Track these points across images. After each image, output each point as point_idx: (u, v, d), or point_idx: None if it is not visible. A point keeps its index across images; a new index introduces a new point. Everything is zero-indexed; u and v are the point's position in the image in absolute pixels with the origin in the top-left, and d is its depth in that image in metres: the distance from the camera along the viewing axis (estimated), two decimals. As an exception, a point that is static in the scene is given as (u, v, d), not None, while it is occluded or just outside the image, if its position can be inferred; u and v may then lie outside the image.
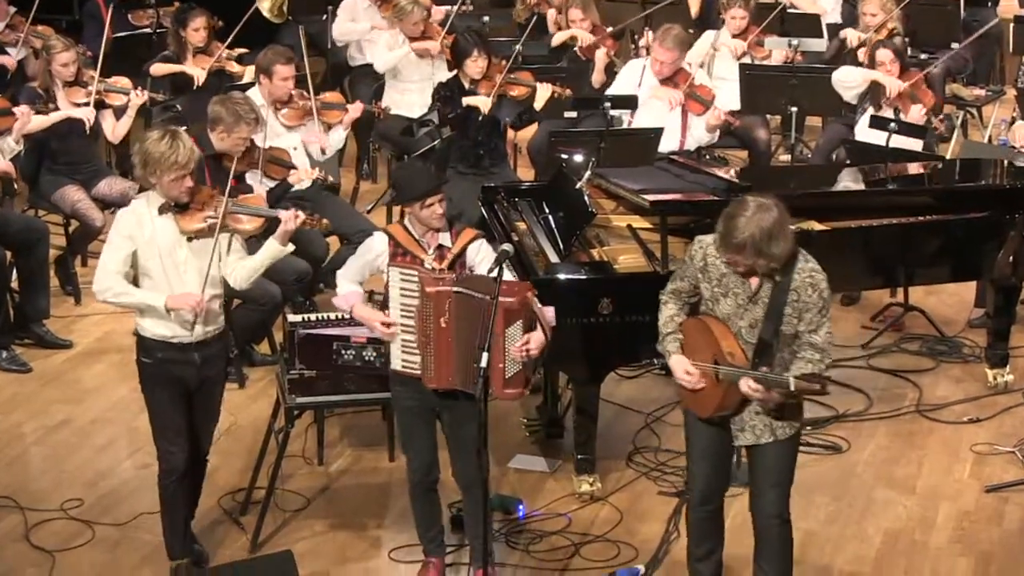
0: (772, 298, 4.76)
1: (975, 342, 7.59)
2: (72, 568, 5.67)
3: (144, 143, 5.21)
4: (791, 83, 8.73)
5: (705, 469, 5.08)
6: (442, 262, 5.26)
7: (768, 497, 5.00)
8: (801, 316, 4.76)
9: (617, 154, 7.40)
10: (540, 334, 5.11)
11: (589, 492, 6.17)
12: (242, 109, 6.71)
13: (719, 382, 4.85)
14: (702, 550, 5.23)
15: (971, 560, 5.75)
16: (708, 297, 4.90)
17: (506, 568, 5.65)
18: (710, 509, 5.16)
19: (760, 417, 4.91)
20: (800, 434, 5.05)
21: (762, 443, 4.94)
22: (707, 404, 4.93)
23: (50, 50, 7.95)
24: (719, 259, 4.84)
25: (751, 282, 4.81)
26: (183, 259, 5.28)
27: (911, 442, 6.70)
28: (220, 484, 6.18)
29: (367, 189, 9.84)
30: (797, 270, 4.76)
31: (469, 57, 7.98)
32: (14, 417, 6.94)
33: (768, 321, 4.75)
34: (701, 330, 4.91)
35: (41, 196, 8.13)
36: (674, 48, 8.20)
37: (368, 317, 5.30)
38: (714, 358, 4.84)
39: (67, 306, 8.07)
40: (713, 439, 5.03)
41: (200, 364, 5.34)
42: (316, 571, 5.63)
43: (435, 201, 5.22)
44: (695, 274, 4.94)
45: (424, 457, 5.39)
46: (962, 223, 6.81)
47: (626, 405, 6.94)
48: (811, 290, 4.76)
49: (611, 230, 6.49)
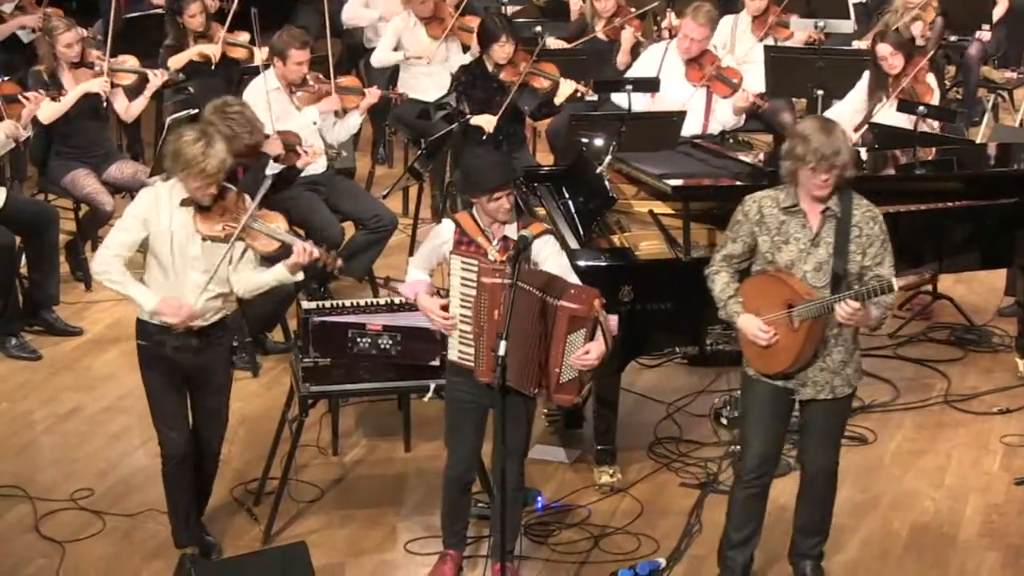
0: (837, 234, 4.91)
1: (1005, 331, 7.54)
2: (82, 559, 5.64)
3: (179, 140, 5.13)
4: (817, 65, 8.62)
5: (761, 435, 5.14)
6: (505, 254, 5.17)
7: (823, 449, 5.19)
8: (865, 251, 4.92)
9: (638, 138, 7.34)
10: (601, 344, 5.07)
11: (609, 484, 6.12)
12: (236, 124, 6.40)
13: (795, 330, 4.91)
14: (742, 535, 5.24)
15: (1000, 554, 5.70)
16: (767, 250, 4.98)
17: (525, 561, 5.59)
18: (761, 483, 5.20)
19: (823, 374, 5.04)
20: (853, 396, 5.23)
21: (819, 399, 5.06)
22: (783, 357, 4.99)
23: (52, 31, 7.88)
24: (776, 208, 4.98)
25: (811, 224, 4.92)
26: (195, 255, 5.24)
27: (939, 433, 6.66)
28: (233, 474, 6.14)
29: (382, 173, 9.81)
30: (855, 205, 4.94)
31: (497, 42, 7.94)
32: (24, 405, 6.91)
33: (837, 257, 4.90)
34: (764, 284, 5.01)
35: (51, 180, 8.08)
36: (706, 24, 8.18)
37: (428, 306, 5.24)
38: (787, 303, 4.91)
39: (77, 292, 8.03)
40: (774, 402, 5.11)
41: (198, 350, 5.30)
42: (330, 563, 5.58)
43: (503, 195, 5.14)
44: (750, 230, 5.02)
45: (464, 454, 5.32)
46: (992, 209, 6.72)
47: (647, 395, 6.90)
48: (872, 223, 4.95)
49: (632, 216, 6.44)
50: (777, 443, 5.21)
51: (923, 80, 7.95)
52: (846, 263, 4.91)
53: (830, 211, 4.92)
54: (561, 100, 8.12)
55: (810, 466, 5.24)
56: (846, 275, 4.91)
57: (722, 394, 6.71)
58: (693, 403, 6.78)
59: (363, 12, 10.05)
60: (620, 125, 7.42)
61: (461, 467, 5.34)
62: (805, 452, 5.26)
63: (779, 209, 4.97)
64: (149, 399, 5.40)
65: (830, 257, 4.92)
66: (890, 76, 7.93)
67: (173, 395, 5.34)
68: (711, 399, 6.75)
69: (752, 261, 5.09)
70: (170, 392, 5.34)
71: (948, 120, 7.74)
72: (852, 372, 5.10)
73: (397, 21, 9.31)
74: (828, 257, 4.92)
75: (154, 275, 5.28)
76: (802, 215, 4.95)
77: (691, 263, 5.95)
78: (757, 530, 5.27)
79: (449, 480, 5.37)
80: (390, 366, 5.72)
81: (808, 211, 4.95)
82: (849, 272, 4.92)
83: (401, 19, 9.29)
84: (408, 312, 5.73)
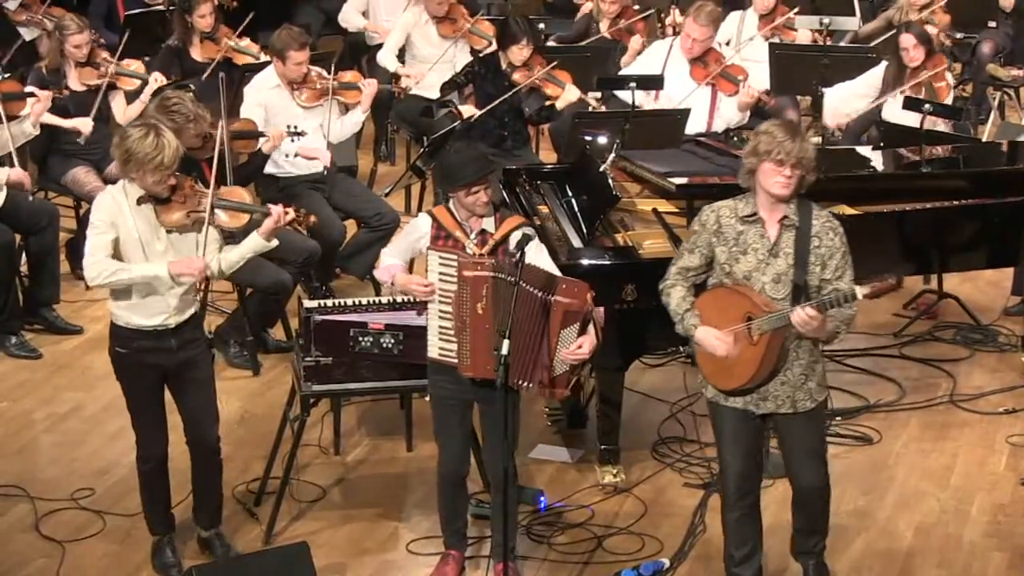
0: (796, 245, 4.80)
1: (1011, 330, 7.52)
2: (82, 559, 5.62)
3: (126, 140, 5.08)
4: (822, 63, 8.58)
5: (738, 455, 5.03)
6: (483, 247, 5.14)
7: (803, 469, 5.04)
8: (825, 264, 4.81)
9: (642, 136, 7.31)
10: (592, 338, 5.07)
11: (612, 483, 6.09)
12: (177, 115, 6.21)
13: (754, 343, 4.80)
14: (742, 552, 5.14)
15: (1006, 555, 5.66)
16: (724, 260, 4.88)
17: (527, 561, 5.57)
18: (747, 504, 5.09)
19: (784, 388, 4.92)
20: (824, 409, 5.07)
21: (783, 414, 4.95)
22: (742, 371, 4.88)
23: (64, 30, 7.88)
24: (734, 218, 4.88)
25: (770, 234, 4.83)
26: (161, 250, 5.20)
27: (944, 433, 6.62)
28: (234, 474, 6.11)
29: (385, 171, 9.78)
30: (815, 216, 4.84)
31: (516, 44, 7.98)
32: (24, 404, 6.89)
33: (798, 268, 4.80)
34: (722, 297, 4.90)
35: (51, 178, 8.08)
36: (707, 25, 8.15)
37: (407, 282, 5.24)
38: (746, 315, 4.81)
39: (77, 291, 8.01)
40: (742, 420, 5.00)
41: (177, 348, 5.29)
42: (332, 563, 5.55)
43: (480, 189, 5.13)
44: (708, 240, 4.92)
45: (454, 450, 5.31)
46: (998, 207, 6.68)
47: (651, 394, 6.89)
48: (832, 234, 4.83)
49: (636, 214, 6.41)
50: (753, 462, 5.07)
51: (942, 76, 7.96)
52: (806, 274, 4.79)
53: (788, 220, 4.80)
54: (563, 105, 8.10)
55: (797, 484, 5.08)
56: (806, 287, 4.79)
57: (726, 394, 6.67)
58: (697, 403, 6.69)
59: (355, 18, 10.09)
60: (624, 123, 7.39)
61: (454, 463, 5.32)
62: (789, 471, 5.10)
63: (737, 219, 4.86)
64: (129, 405, 5.40)
65: (789, 268, 4.79)
66: (908, 68, 7.94)
67: (152, 401, 5.34)
68: (715, 398, 6.71)
69: (709, 275, 4.99)
70: (149, 398, 5.33)
71: (954, 118, 7.71)
72: (815, 386, 4.95)
73: (408, 16, 9.28)
74: (787, 268, 4.79)
75: None
76: (760, 224, 4.83)
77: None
78: (758, 545, 5.17)
79: (443, 476, 5.37)
80: (392, 365, 5.69)
81: (767, 220, 4.84)
82: (809, 284, 4.80)
83: (413, 14, 9.25)
84: (410, 310, 5.70)
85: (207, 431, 5.44)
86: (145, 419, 5.38)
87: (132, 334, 5.24)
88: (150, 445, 5.40)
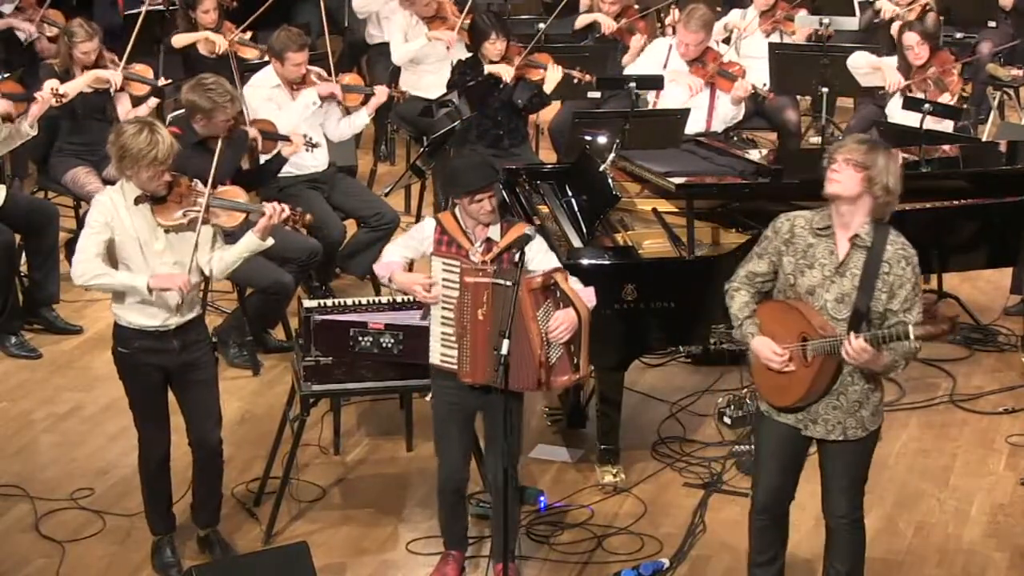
0: (865, 267, 4.59)
1: (1011, 330, 7.51)
2: (82, 559, 5.61)
3: (121, 136, 5.08)
4: (822, 63, 8.58)
5: (773, 471, 4.89)
6: (488, 255, 5.13)
7: (837, 498, 4.87)
8: (894, 292, 4.59)
9: (642, 136, 7.31)
10: (571, 312, 5.01)
11: (612, 483, 6.08)
12: (216, 95, 6.41)
13: (808, 363, 4.66)
14: (764, 557, 5.06)
15: (1006, 555, 5.66)
16: (790, 271, 4.71)
17: (527, 561, 5.56)
18: (771, 517, 4.98)
19: (835, 412, 4.74)
20: (876, 438, 4.87)
21: (831, 439, 4.77)
22: (794, 390, 4.73)
23: (72, 37, 7.84)
24: (807, 229, 4.69)
25: (839, 251, 4.63)
26: (160, 250, 5.20)
27: (944, 433, 6.61)
28: (234, 474, 6.10)
29: (385, 171, 9.77)
30: (890, 242, 4.62)
31: (487, 39, 7.97)
32: (23, 404, 6.88)
33: (862, 292, 4.57)
34: (782, 311, 4.73)
35: (51, 178, 8.05)
36: (699, 30, 8.17)
37: (407, 281, 5.21)
38: (801, 335, 4.65)
39: (77, 290, 7.94)
40: (787, 437, 4.84)
41: (179, 350, 5.28)
42: (332, 563, 5.55)
43: (484, 197, 5.09)
44: (778, 247, 4.74)
45: (453, 461, 5.28)
46: (998, 207, 6.68)
47: (651, 394, 6.88)
48: (904, 263, 4.61)
49: (636, 214, 6.41)
50: (787, 481, 4.90)
51: (951, 72, 7.96)
52: (870, 299, 4.56)
53: (861, 240, 4.61)
54: (551, 87, 8.07)
55: (830, 516, 4.91)
56: (868, 313, 4.57)
57: (726, 394, 6.68)
58: (697, 402, 6.75)
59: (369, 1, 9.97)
60: (624, 123, 7.38)
61: (453, 474, 5.29)
62: (825, 500, 4.91)
63: (810, 231, 4.67)
64: (131, 404, 5.39)
65: (854, 290, 4.59)
66: (914, 66, 7.94)
67: (155, 401, 5.34)
68: (715, 399, 6.71)
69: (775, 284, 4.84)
70: (152, 398, 5.33)
71: (954, 118, 7.70)
72: (868, 415, 4.75)
73: (400, 19, 9.26)
74: (852, 290, 4.59)
75: None
76: (831, 239, 4.65)
77: (695, 261, 5.92)
78: (780, 552, 5.07)
79: (442, 487, 5.34)
80: (392, 365, 5.68)
81: (838, 237, 4.65)
82: (872, 311, 4.58)
83: (403, 17, 9.24)
84: (410, 310, 5.70)
85: (209, 432, 5.43)
86: (147, 419, 5.38)
87: (134, 334, 5.24)
88: (152, 445, 5.40)
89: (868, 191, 4.59)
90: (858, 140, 4.68)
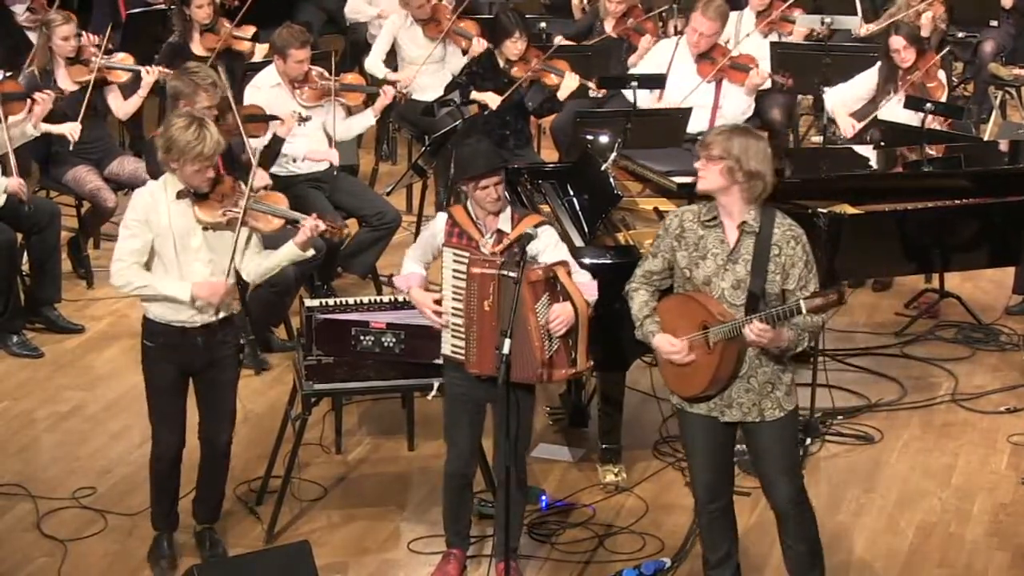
0: (756, 252, 4.70)
1: (1013, 330, 7.52)
2: (84, 557, 5.60)
3: (170, 128, 5.12)
4: (824, 62, 8.56)
5: (704, 462, 4.95)
6: (498, 246, 5.12)
7: (776, 483, 4.92)
8: (787, 273, 4.71)
9: (644, 135, 7.29)
10: (567, 306, 5.02)
11: (614, 483, 6.07)
12: (197, 77, 6.43)
13: (711, 350, 4.75)
14: (717, 555, 5.08)
15: (1008, 554, 5.65)
16: (685, 265, 4.81)
17: (529, 560, 5.55)
18: (716, 508, 5.01)
19: (749, 395, 4.83)
20: (795, 418, 4.95)
21: (750, 421, 4.84)
22: (700, 378, 4.80)
23: (50, 24, 7.86)
24: (695, 223, 4.80)
25: (729, 239, 4.75)
26: (196, 246, 5.22)
27: (946, 432, 6.60)
28: (236, 473, 6.06)
29: (386, 170, 9.78)
30: (776, 224, 4.73)
31: (510, 38, 7.97)
32: (25, 403, 6.88)
33: (755, 276, 4.70)
34: (682, 303, 4.84)
35: (52, 177, 8.05)
36: (716, 19, 8.14)
37: (420, 301, 5.23)
38: (702, 323, 4.75)
39: (79, 290, 8.01)
40: (709, 427, 4.90)
41: (204, 348, 5.29)
42: (333, 562, 5.54)
43: (491, 183, 5.08)
44: (671, 244, 4.84)
45: (462, 449, 5.28)
46: (1000, 207, 6.66)
47: (652, 393, 6.82)
48: (794, 243, 4.72)
49: (637, 213, 6.40)
50: (723, 470, 4.96)
51: (934, 76, 7.92)
52: (764, 282, 4.68)
53: (748, 226, 4.70)
54: (564, 95, 8.09)
55: (773, 500, 4.94)
56: (764, 295, 4.68)
57: (727, 393, 6.66)
58: (698, 402, 6.74)
59: (365, 8, 10.03)
60: (626, 122, 7.37)
61: (460, 462, 5.30)
62: (766, 489, 4.96)
63: (699, 223, 4.78)
64: (149, 399, 5.38)
65: (748, 275, 4.70)
66: (901, 69, 7.91)
67: (174, 397, 5.33)
68: (716, 398, 6.70)
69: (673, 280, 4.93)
70: (171, 394, 5.33)
71: (955, 117, 7.69)
72: (783, 395, 4.83)
73: (394, 19, 9.25)
74: (746, 275, 4.70)
75: (158, 274, 5.26)
76: (720, 229, 4.75)
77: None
78: (733, 546, 5.10)
79: (449, 475, 5.34)
80: (394, 364, 5.68)
81: (727, 226, 4.75)
82: (768, 293, 4.69)
83: (399, 17, 9.23)
84: (412, 310, 5.69)
85: (220, 433, 5.44)
86: (161, 414, 5.37)
87: (162, 329, 5.26)
88: (163, 441, 5.38)
89: (733, 180, 4.68)
90: (715, 132, 4.76)
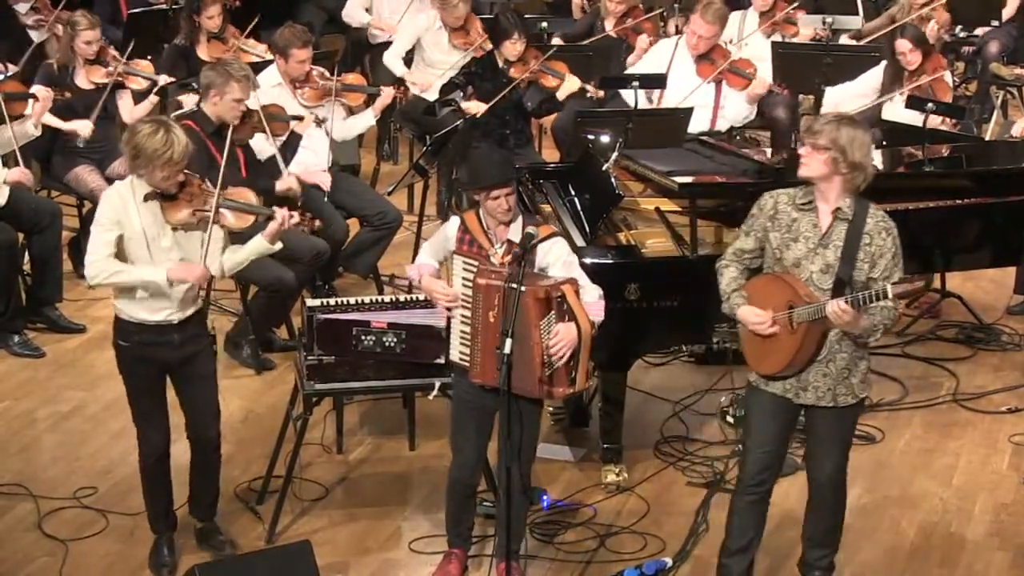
0: (847, 239, 4.81)
1: (1014, 330, 7.53)
2: (85, 557, 5.60)
3: (136, 136, 5.08)
4: (825, 62, 8.56)
5: (762, 442, 5.03)
6: (507, 256, 5.11)
7: (823, 461, 5.07)
8: (875, 263, 4.81)
9: (645, 135, 7.29)
10: (571, 327, 4.98)
11: (615, 482, 6.07)
12: (232, 68, 6.56)
13: (794, 330, 4.83)
14: (740, 543, 5.15)
15: (1009, 554, 5.65)
16: (777, 246, 4.91)
17: (530, 560, 5.54)
18: (761, 491, 5.10)
19: (825, 380, 4.93)
20: (861, 408, 5.09)
21: (823, 406, 4.95)
22: (780, 357, 4.90)
23: (75, 26, 7.90)
24: (789, 206, 4.91)
25: (822, 224, 4.84)
26: (167, 246, 5.20)
27: (947, 432, 6.61)
28: (236, 473, 6.10)
29: (387, 170, 9.78)
30: (870, 214, 4.83)
31: (509, 39, 7.99)
32: (26, 403, 6.88)
33: (844, 262, 4.80)
34: (770, 282, 4.93)
35: (54, 177, 8.06)
36: (715, 22, 8.16)
37: (430, 287, 5.23)
38: (788, 303, 4.84)
39: (80, 289, 7.99)
40: (778, 407, 4.99)
41: (179, 344, 5.29)
42: (334, 562, 5.54)
43: (502, 194, 5.07)
44: (764, 224, 4.94)
45: (467, 457, 5.28)
46: (1001, 207, 6.66)
47: (654, 393, 6.87)
48: (884, 234, 4.82)
49: (639, 213, 6.40)
50: (778, 451, 5.09)
51: (941, 79, 7.93)
52: (852, 270, 4.79)
53: (842, 213, 4.81)
54: (564, 96, 8.09)
55: (814, 475, 5.11)
56: (851, 282, 4.78)
57: (729, 392, 6.65)
58: (700, 402, 6.74)
59: (359, 14, 10.05)
60: (627, 122, 7.38)
61: (465, 471, 5.29)
62: (810, 460, 5.14)
63: (793, 206, 4.89)
64: (130, 399, 5.40)
65: (837, 260, 4.81)
66: (906, 71, 7.92)
67: (154, 395, 5.35)
68: (718, 398, 6.69)
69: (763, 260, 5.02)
70: (151, 392, 5.34)
71: (957, 117, 7.69)
72: (857, 382, 4.96)
73: (421, 19, 9.23)
74: (836, 260, 4.81)
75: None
76: (814, 213, 4.85)
77: (698, 261, 5.91)
78: (756, 538, 5.17)
79: (454, 481, 5.33)
80: (395, 364, 5.67)
81: (821, 211, 4.87)
82: (855, 280, 4.79)
83: (427, 18, 9.20)
84: (413, 309, 5.70)
85: (208, 428, 5.44)
86: (144, 413, 5.38)
87: (135, 328, 5.25)
88: (150, 440, 5.40)
89: (836, 170, 4.79)
90: (824, 121, 4.84)
